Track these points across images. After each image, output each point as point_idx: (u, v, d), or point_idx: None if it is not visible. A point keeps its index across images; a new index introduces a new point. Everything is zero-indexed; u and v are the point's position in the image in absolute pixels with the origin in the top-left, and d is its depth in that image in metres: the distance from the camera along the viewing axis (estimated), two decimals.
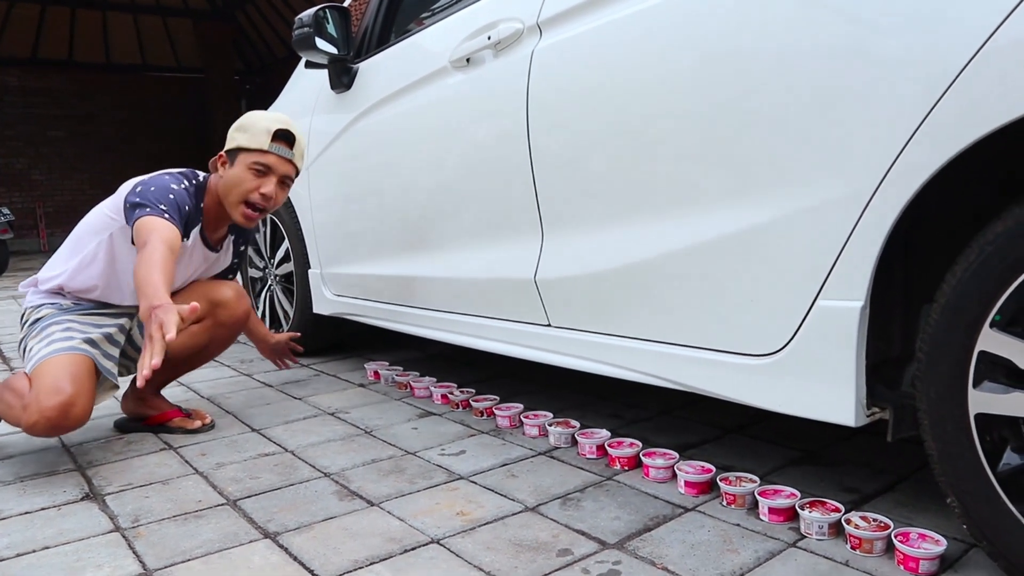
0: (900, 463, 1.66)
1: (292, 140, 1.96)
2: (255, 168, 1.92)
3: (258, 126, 1.94)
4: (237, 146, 1.94)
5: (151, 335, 1.50)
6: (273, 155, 1.93)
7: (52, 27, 12.52)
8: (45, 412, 1.71)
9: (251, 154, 1.92)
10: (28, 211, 12.43)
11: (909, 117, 1.08)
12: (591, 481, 1.63)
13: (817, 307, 1.25)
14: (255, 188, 1.93)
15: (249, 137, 1.93)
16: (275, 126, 1.93)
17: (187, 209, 1.89)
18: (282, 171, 1.96)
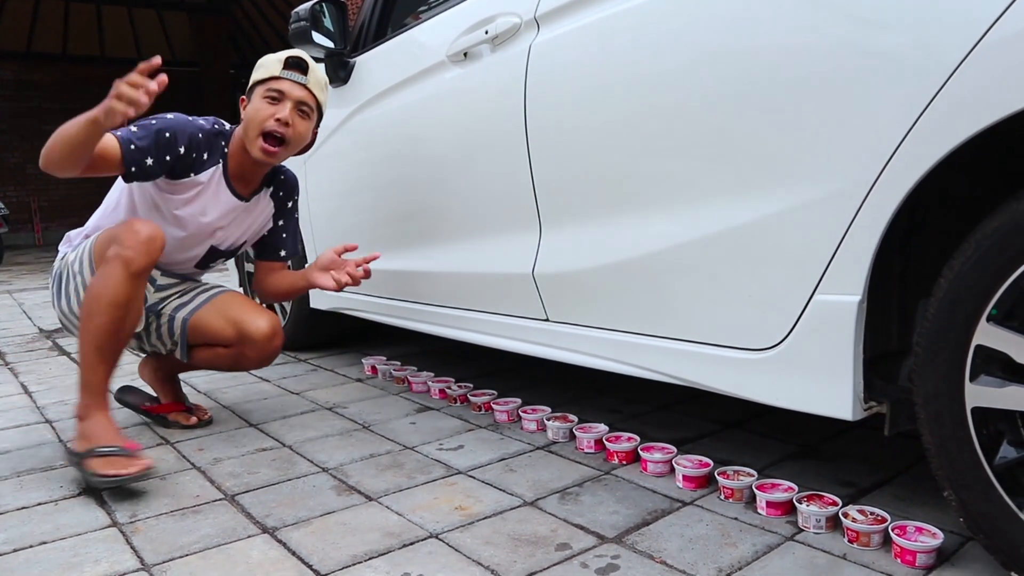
0: (897, 457, 1.67)
1: (305, 66, 1.90)
2: (269, 96, 1.87)
3: (270, 59, 1.91)
4: (253, 81, 1.92)
5: (119, 94, 1.51)
6: (285, 79, 1.88)
7: (46, 20, 12.48)
8: (131, 245, 1.68)
9: (265, 84, 1.89)
10: (23, 205, 12.41)
11: (906, 112, 1.08)
12: (589, 475, 1.63)
13: (814, 302, 1.25)
14: (270, 115, 1.86)
15: (263, 71, 1.91)
16: (286, 54, 1.90)
17: (196, 134, 1.85)
18: (296, 96, 1.89)
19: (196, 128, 1.86)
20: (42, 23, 12.42)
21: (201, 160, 1.88)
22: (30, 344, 3.54)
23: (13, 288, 5.78)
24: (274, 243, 2.16)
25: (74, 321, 1.89)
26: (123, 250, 1.68)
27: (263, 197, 2.08)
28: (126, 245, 1.69)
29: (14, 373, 2.92)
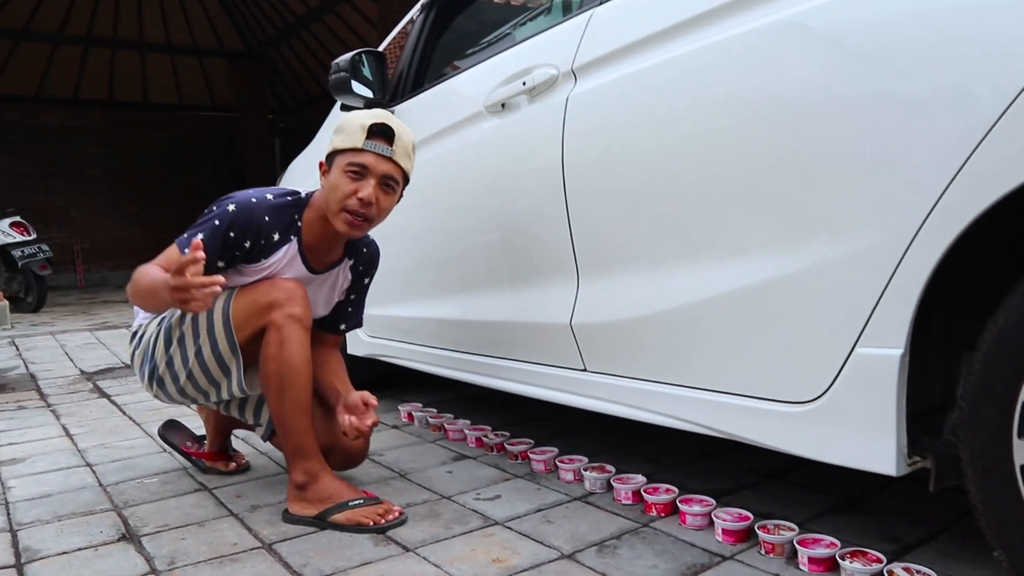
0: (943, 511, 1.63)
1: (391, 135, 1.74)
2: (351, 171, 1.72)
3: (352, 123, 1.74)
4: (333, 148, 1.76)
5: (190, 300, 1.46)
6: (369, 153, 1.72)
7: (93, 67, 12.87)
8: (296, 303, 1.71)
9: (346, 155, 1.73)
10: (66, 247, 12.69)
11: (948, 163, 1.08)
12: (627, 528, 1.62)
13: (856, 355, 1.24)
14: (352, 192, 1.71)
15: (343, 137, 1.74)
16: (370, 121, 1.73)
17: (262, 220, 1.73)
18: (381, 171, 1.73)
19: (262, 211, 1.74)
20: (89, 70, 12.81)
21: (272, 243, 1.77)
22: (72, 386, 3.60)
23: (56, 329, 5.89)
24: (337, 314, 2.03)
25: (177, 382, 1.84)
26: (291, 309, 1.70)
27: (343, 269, 1.97)
28: (292, 305, 1.70)
29: (56, 415, 2.96)
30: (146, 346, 1.88)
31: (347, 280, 1.99)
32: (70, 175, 12.89)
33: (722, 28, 1.41)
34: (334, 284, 1.96)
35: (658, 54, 1.54)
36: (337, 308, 2.02)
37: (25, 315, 7.35)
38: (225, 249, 1.69)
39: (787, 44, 1.30)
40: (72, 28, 12.04)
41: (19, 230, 7.60)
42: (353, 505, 1.67)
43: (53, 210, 12.68)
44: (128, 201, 13.41)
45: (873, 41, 1.18)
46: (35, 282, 7.56)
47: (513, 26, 2.54)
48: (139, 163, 13.54)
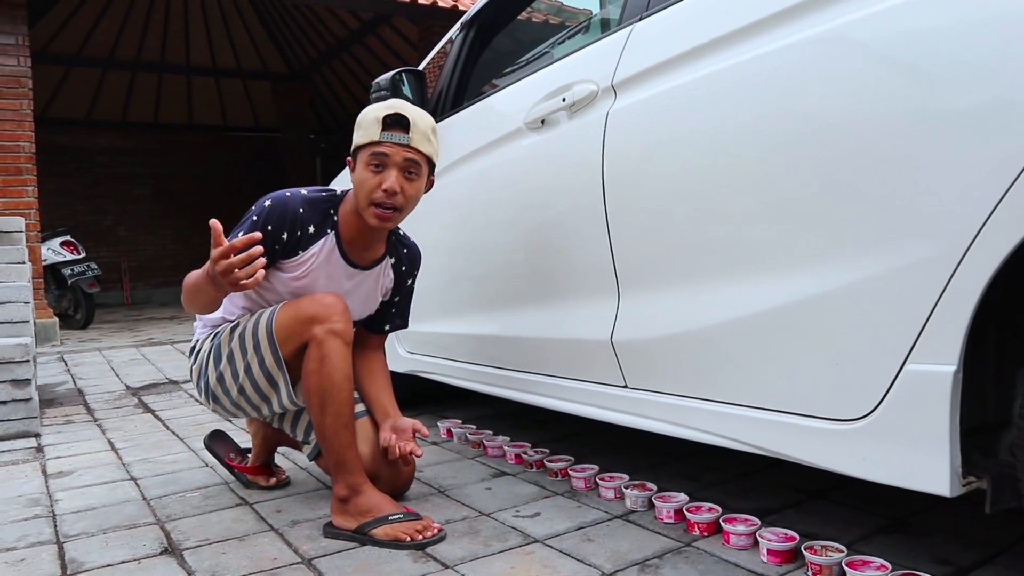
0: (998, 533, 1.57)
1: (406, 123, 1.76)
2: (372, 164, 1.76)
3: (368, 117, 1.78)
4: (355, 145, 1.81)
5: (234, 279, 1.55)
6: (387, 144, 1.75)
7: (140, 91, 13.15)
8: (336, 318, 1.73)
9: (366, 149, 1.77)
10: (113, 265, 12.93)
11: (1003, 172, 1.05)
12: (669, 547, 1.59)
13: (906, 371, 1.20)
14: (376, 185, 1.75)
15: (362, 132, 1.78)
16: (384, 112, 1.76)
17: (297, 212, 1.78)
18: (401, 159, 1.76)
19: (296, 205, 1.79)
20: (136, 94, 13.10)
21: (308, 235, 1.81)
22: (118, 401, 3.66)
23: (103, 346, 6.00)
24: (382, 314, 2.07)
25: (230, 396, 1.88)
26: (332, 324, 1.71)
27: (384, 267, 1.99)
28: (332, 320, 1.71)
29: (102, 429, 3.01)
30: (201, 362, 1.92)
31: (389, 280, 2.02)
32: (118, 195, 13.15)
33: (764, 42, 1.40)
34: (376, 282, 1.98)
35: (698, 69, 1.53)
36: (382, 308, 2.05)
37: (74, 332, 7.50)
38: (264, 243, 1.69)
39: (830, 57, 1.28)
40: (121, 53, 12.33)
41: (69, 249, 7.76)
42: (393, 520, 1.67)
43: (101, 229, 12.93)
44: (173, 220, 13.64)
45: (923, 53, 1.16)
46: (84, 299, 7.71)
47: (552, 44, 2.55)
48: (184, 183, 13.77)
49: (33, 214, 6.29)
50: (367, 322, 2.07)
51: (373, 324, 2.08)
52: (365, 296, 1.98)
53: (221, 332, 1.89)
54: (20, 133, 6.29)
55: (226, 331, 1.87)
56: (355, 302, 1.93)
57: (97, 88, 12.77)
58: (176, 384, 4.10)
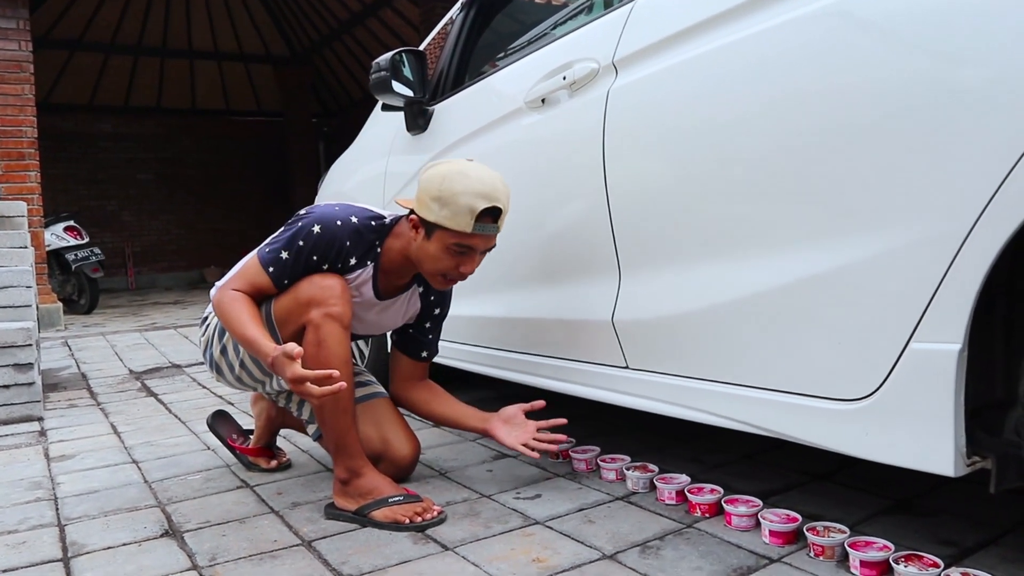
0: (1003, 513, 1.56)
1: (498, 213, 1.68)
2: (455, 249, 1.68)
3: (460, 203, 1.63)
4: (435, 221, 1.66)
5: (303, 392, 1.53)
6: (477, 236, 1.67)
7: (143, 76, 13.12)
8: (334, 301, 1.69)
9: (450, 234, 1.66)
10: (117, 251, 12.95)
11: (1011, 148, 1.03)
12: (671, 528, 1.58)
13: (910, 350, 1.19)
14: (454, 267, 1.71)
15: (449, 216, 1.64)
16: (480, 205, 1.62)
17: (344, 244, 1.73)
18: (485, 247, 1.73)
19: (345, 236, 1.73)
20: (139, 79, 13.06)
21: (348, 266, 1.77)
22: (121, 385, 3.66)
23: (107, 330, 6.01)
24: (417, 338, 2.02)
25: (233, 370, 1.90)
26: (329, 308, 1.68)
27: (411, 295, 1.95)
28: (329, 303, 1.68)
29: (105, 413, 3.01)
30: (209, 335, 1.94)
31: (416, 307, 1.99)
32: (121, 180, 13.14)
33: (764, 18, 1.38)
34: (401, 309, 1.96)
35: (699, 46, 1.50)
36: (416, 331, 2.02)
37: (78, 316, 7.52)
38: (307, 270, 1.73)
39: (836, 32, 1.26)
40: (123, 38, 12.29)
41: (72, 234, 7.77)
42: (392, 502, 1.66)
43: (105, 214, 12.94)
44: (177, 205, 13.64)
45: (928, 29, 1.14)
46: (87, 284, 7.72)
47: (553, 23, 2.52)
48: (187, 168, 13.76)
49: (36, 199, 6.29)
50: (402, 342, 2.04)
51: (409, 346, 2.03)
52: (388, 322, 1.97)
53: None
54: (22, 118, 6.28)
55: None
56: (369, 326, 1.95)
57: (99, 73, 12.74)
58: (179, 368, 4.10)
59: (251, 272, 1.75)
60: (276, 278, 1.74)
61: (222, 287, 1.76)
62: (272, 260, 1.73)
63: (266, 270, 1.74)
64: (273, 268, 1.73)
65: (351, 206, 1.80)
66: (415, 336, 2.02)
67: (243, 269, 1.78)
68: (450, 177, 1.65)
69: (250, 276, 1.75)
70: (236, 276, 1.78)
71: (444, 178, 1.66)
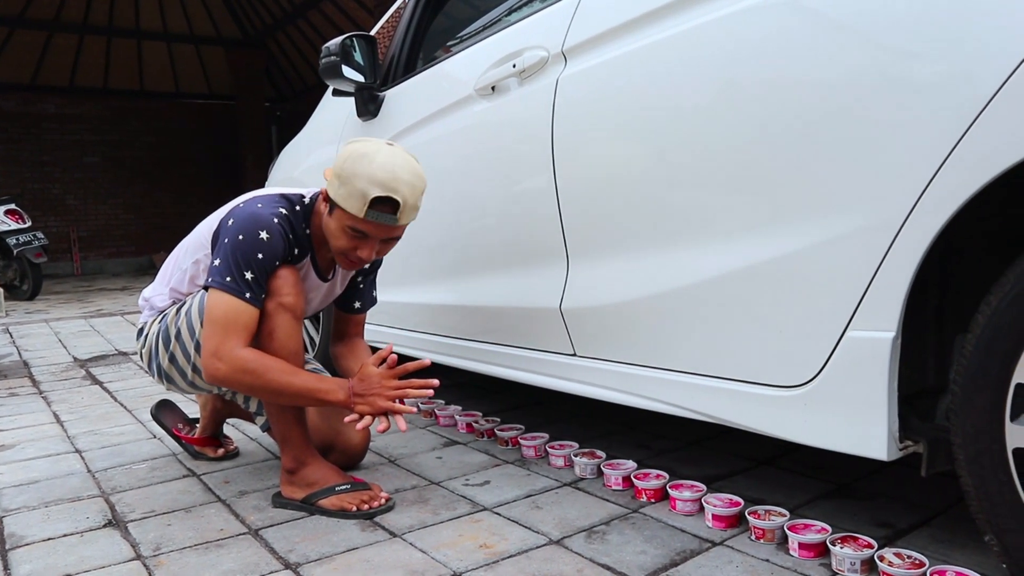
0: (935, 496, 1.61)
1: (397, 207, 1.60)
2: (350, 231, 1.64)
3: (355, 185, 1.57)
4: (334, 198, 1.63)
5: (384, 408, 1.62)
6: (370, 223, 1.62)
7: (89, 55, 12.79)
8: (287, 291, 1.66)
9: (346, 216, 1.62)
10: (62, 235, 12.64)
11: (940, 143, 1.06)
12: (617, 513, 1.60)
13: (847, 338, 1.22)
14: (351, 249, 1.66)
15: (345, 196, 1.59)
16: (373, 192, 1.56)
17: (283, 252, 1.66)
18: (382, 235, 1.66)
19: (281, 238, 1.65)
20: (85, 58, 12.73)
21: (294, 255, 1.73)
22: (65, 373, 3.58)
23: (50, 317, 5.87)
24: (349, 295, 2.01)
25: (185, 376, 1.82)
26: (281, 298, 1.64)
27: (339, 271, 1.92)
28: (281, 293, 1.64)
29: (47, 402, 2.95)
30: (151, 345, 1.86)
31: (348, 278, 1.97)
32: (67, 163, 12.81)
33: (710, 9, 1.39)
34: (341, 279, 1.95)
35: (648, 35, 1.52)
36: (349, 289, 2.00)
37: (20, 303, 7.33)
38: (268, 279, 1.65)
39: (779, 23, 1.28)
40: (68, 15, 11.96)
41: (14, 218, 7.57)
42: (340, 490, 1.66)
43: (50, 198, 12.62)
44: (125, 189, 13.35)
45: (866, 20, 1.16)
46: (30, 270, 7.54)
47: (506, 10, 2.51)
48: (136, 151, 13.47)
49: None
50: (337, 301, 2.02)
51: (343, 302, 2.02)
52: (323, 297, 1.94)
53: (168, 313, 1.83)
54: None
55: (172, 312, 1.82)
56: (319, 303, 1.94)
57: (42, 52, 12.38)
58: (125, 356, 4.02)
59: (232, 313, 1.59)
60: (258, 302, 1.63)
61: (216, 353, 1.58)
62: (245, 285, 1.60)
63: (245, 299, 1.60)
64: (250, 294, 1.61)
65: (271, 197, 1.73)
66: (348, 291, 2.00)
67: (220, 316, 1.60)
68: (354, 158, 1.60)
69: (237, 319, 1.59)
70: (219, 329, 1.59)
71: (349, 157, 1.61)
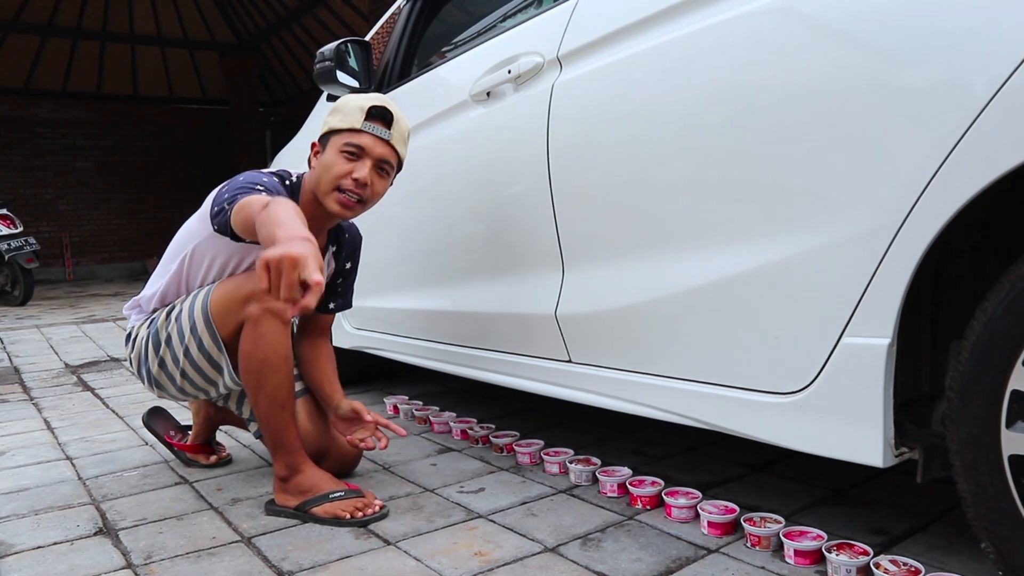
0: (931, 502, 1.61)
1: (389, 119, 1.73)
2: (347, 151, 1.70)
3: (351, 105, 1.73)
4: (329, 129, 1.74)
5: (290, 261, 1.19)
6: (367, 134, 1.70)
7: (82, 60, 12.76)
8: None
9: (342, 135, 1.70)
10: (55, 241, 12.59)
11: (936, 149, 1.06)
12: (612, 520, 1.60)
13: (842, 344, 1.22)
14: (347, 172, 1.69)
15: (341, 117, 1.72)
16: (369, 103, 1.71)
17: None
18: (377, 153, 1.72)
19: (277, 186, 1.68)
20: (78, 62, 12.70)
21: None
22: (56, 379, 3.56)
23: (42, 323, 5.84)
24: (325, 294, 1.96)
25: (175, 382, 1.81)
26: (269, 303, 1.62)
27: (328, 258, 1.94)
28: (268, 297, 1.52)
29: (38, 408, 2.93)
30: (140, 350, 1.85)
31: (331, 267, 1.97)
32: (59, 168, 12.76)
33: (707, 15, 1.39)
34: (325, 271, 1.92)
35: (643, 41, 1.51)
36: (328, 288, 1.98)
37: (11, 308, 7.30)
38: None
39: (773, 30, 1.28)
40: (61, 20, 11.93)
41: (5, 223, 7.53)
42: (333, 497, 1.65)
43: (42, 203, 12.56)
44: (118, 194, 13.30)
45: (860, 27, 1.16)
46: (22, 275, 7.49)
47: (501, 15, 2.51)
48: (129, 156, 13.42)
49: None
50: None
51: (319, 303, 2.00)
52: None
53: (157, 317, 1.82)
54: None
55: (162, 315, 1.81)
56: None
57: (36, 56, 12.34)
58: (117, 362, 4.00)
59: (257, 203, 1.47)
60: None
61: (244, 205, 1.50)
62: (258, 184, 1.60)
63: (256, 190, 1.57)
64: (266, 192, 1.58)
65: (260, 172, 1.72)
66: (327, 289, 1.96)
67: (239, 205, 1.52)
68: (347, 96, 1.79)
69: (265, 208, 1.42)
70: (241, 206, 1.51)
71: (343, 98, 1.77)
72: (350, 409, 1.88)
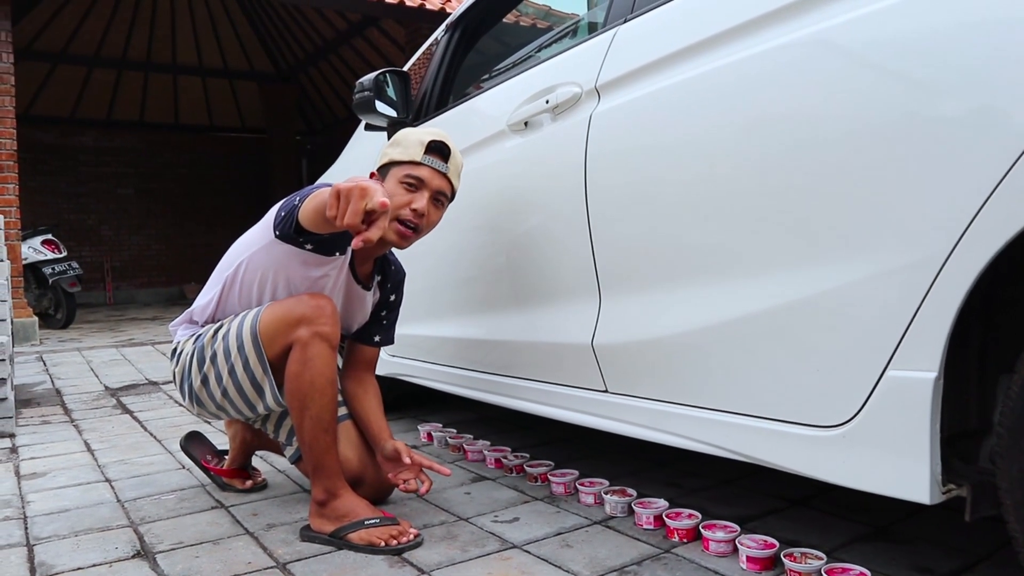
0: (978, 541, 1.57)
1: (447, 153, 1.83)
2: (406, 182, 1.79)
3: (411, 138, 1.82)
4: (389, 160, 1.83)
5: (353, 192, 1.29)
6: (426, 167, 1.79)
7: (126, 90, 13.06)
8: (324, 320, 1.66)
9: (402, 167, 1.80)
10: (96, 265, 12.83)
11: (984, 179, 1.04)
12: (648, 553, 1.57)
13: (887, 377, 1.20)
14: (407, 203, 1.77)
15: (401, 150, 1.81)
16: (428, 138, 1.81)
17: None
18: (435, 185, 1.81)
19: None
20: (122, 93, 13.01)
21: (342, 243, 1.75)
22: (96, 402, 3.62)
23: (83, 346, 5.94)
24: (371, 326, 2.05)
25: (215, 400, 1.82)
26: (319, 327, 1.66)
27: (374, 286, 1.99)
28: (320, 322, 1.66)
29: (79, 430, 2.97)
30: (184, 365, 1.87)
31: (376, 296, 2.01)
32: (101, 194, 13.04)
33: (746, 45, 1.39)
34: (370, 299, 1.97)
35: (682, 72, 1.52)
36: (370, 321, 2.03)
37: (54, 331, 7.43)
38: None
39: (815, 61, 1.27)
40: (107, 52, 12.25)
41: (50, 248, 7.69)
42: (369, 524, 1.65)
43: (84, 228, 12.83)
44: (157, 220, 13.54)
45: (909, 58, 1.15)
46: (64, 299, 7.64)
47: (538, 46, 2.53)
48: (169, 183, 13.68)
49: (13, 212, 6.23)
50: (356, 334, 2.05)
51: (363, 335, 2.05)
52: (358, 311, 1.97)
53: (204, 334, 1.84)
54: (2, 130, 6.23)
55: (209, 332, 1.83)
56: (348, 316, 1.95)
57: (82, 86, 12.67)
58: (155, 385, 4.05)
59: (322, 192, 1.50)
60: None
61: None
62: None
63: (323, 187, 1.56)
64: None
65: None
66: (370, 323, 2.04)
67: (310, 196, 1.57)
68: (406, 130, 1.88)
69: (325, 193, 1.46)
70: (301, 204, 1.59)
71: (401, 132, 1.87)
72: (393, 450, 1.89)
